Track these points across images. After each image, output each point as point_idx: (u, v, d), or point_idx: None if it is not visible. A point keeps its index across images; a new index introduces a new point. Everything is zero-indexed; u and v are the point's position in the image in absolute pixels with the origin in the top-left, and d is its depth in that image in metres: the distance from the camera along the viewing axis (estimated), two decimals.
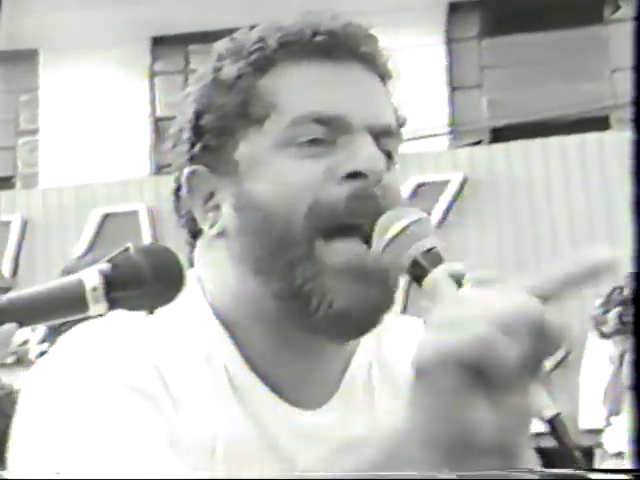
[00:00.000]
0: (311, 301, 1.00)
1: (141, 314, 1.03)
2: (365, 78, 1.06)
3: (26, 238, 8.74)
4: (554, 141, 7.71)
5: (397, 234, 0.98)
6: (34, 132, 10.58)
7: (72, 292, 0.95)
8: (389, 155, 1.06)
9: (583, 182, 7.48)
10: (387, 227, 0.99)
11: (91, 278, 0.95)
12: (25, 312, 0.94)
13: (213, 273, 1.07)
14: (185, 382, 1.02)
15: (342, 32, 1.04)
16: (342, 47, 1.04)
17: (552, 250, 7.41)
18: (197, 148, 1.06)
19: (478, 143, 8.84)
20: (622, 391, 4.92)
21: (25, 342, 7.24)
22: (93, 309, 0.97)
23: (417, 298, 1.01)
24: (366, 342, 1.10)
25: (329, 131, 1.02)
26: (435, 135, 8.63)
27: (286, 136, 1.02)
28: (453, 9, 9.77)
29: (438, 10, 9.64)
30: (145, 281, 0.96)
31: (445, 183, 7.99)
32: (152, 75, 10.43)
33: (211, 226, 1.06)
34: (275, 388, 1.05)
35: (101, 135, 9.90)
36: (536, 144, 7.70)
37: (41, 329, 7.52)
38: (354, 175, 1.02)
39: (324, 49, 1.04)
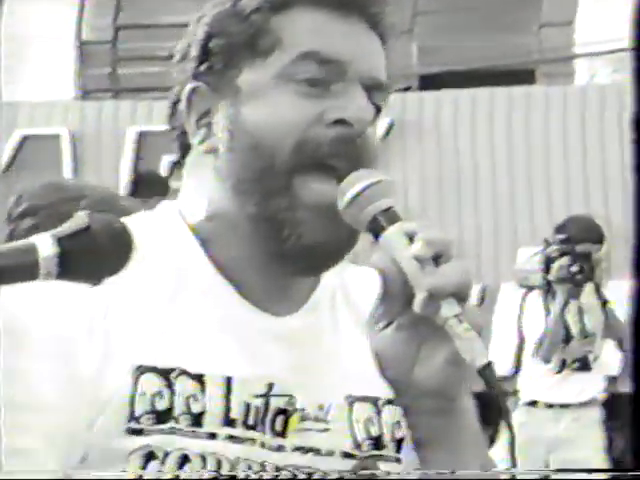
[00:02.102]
0: (282, 231, 1.10)
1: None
2: (368, 36, 1.16)
3: None
4: (483, 92, 7.75)
5: (359, 193, 1.08)
6: None
7: (24, 258, 0.94)
8: (377, 109, 1.15)
9: (507, 133, 7.55)
10: (350, 186, 1.08)
11: (46, 247, 0.94)
12: None
13: (197, 188, 1.15)
14: (161, 296, 1.09)
15: None
16: (354, 4, 1.15)
17: (473, 196, 7.49)
18: (203, 67, 1.14)
19: (407, 89, 8.85)
20: (559, 340, 5.01)
21: None
22: (42, 277, 0.96)
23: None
24: (330, 273, 1.18)
25: (326, 73, 1.12)
26: None
27: (287, 71, 1.11)
28: None
29: None
30: (100, 261, 0.96)
31: None
32: None
33: (201, 141, 1.14)
34: (248, 296, 1.13)
35: (25, 54, 9.70)
36: (465, 94, 7.74)
37: None
38: (341, 122, 1.11)
39: (338, 3, 1.13)
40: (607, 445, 5.06)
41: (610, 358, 5.08)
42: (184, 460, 1.05)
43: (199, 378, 1.07)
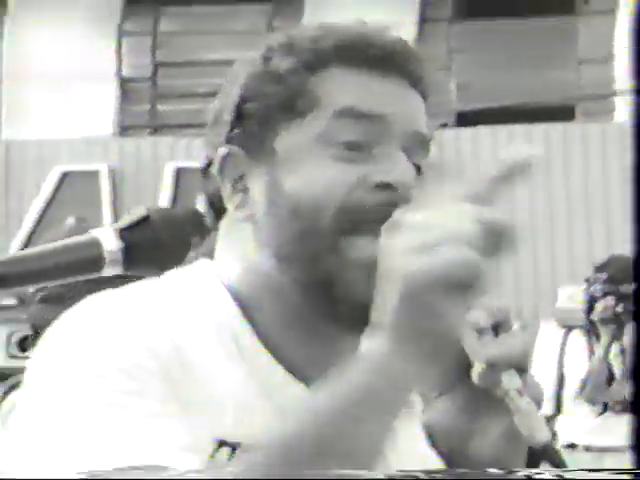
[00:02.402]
0: (334, 290, 1.05)
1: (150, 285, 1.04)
2: (409, 93, 1.12)
3: None
4: (520, 129, 7.73)
5: None
6: None
7: (88, 253, 0.94)
8: (419, 168, 1.11)
9: (546, 170, 7.52)
10: None
11: (109, 242, 0.94)
12: (33, 273, 0.92)
13: (235, 253, 1.11)
14: (201, 355, 1.04)
15: (393, 48, 1.12)
16: (392, 62, 1.11)
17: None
18: (237, 130, 1.10)
19: (444, 126, 8.85)
20: (604, 381, 4.94)
21: None
22: (108, 271, 0.96)
23: None
24: None
25: (367, 133, 1.07)
26: None
27: (326, 132, 1.06)
28: None
29: None
30: (162, 252, 0.95)
31: None
32: (121, 35, 10.33)
33: (237, 207, 1.10)
34: (288, 367, 1.07)
35: (66, 91, 9.80)
36: (502, 130, 7.72)
37: None
38: (385, 186, 1.06)
39: (375, 61, 1.10)
40: None
41: None
42: None
43: None
